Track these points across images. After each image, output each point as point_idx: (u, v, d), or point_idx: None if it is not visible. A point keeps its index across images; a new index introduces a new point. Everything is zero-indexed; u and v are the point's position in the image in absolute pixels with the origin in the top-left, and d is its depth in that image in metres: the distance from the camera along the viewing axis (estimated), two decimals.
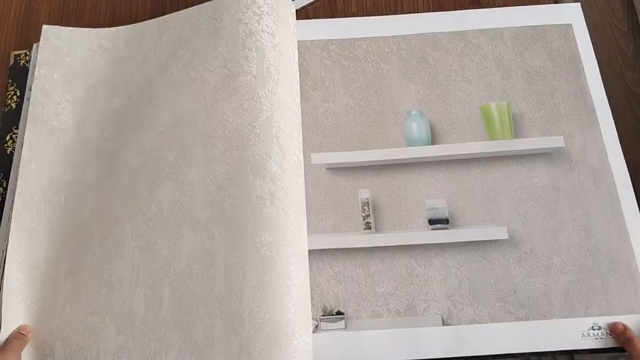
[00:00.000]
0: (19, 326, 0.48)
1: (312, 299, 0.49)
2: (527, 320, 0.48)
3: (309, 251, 0.51)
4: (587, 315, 0.48)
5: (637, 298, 0.49)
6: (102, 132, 0.55)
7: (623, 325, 0.47)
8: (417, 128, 0.55)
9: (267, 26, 0.53)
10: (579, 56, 0.58)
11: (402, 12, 0.64)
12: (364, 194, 0.54)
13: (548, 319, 0.48)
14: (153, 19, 0.60)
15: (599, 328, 0.48)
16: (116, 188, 0.52)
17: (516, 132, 0.55)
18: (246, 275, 0.45)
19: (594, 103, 0.56)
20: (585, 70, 0.57)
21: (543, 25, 0.60)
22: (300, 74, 0.57)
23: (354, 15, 0.63)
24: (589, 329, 0.48)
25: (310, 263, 0.51)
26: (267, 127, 0.50)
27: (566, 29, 0.60)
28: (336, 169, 0.55)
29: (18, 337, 0.47)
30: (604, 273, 0.50)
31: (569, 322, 0.48)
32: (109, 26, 0.61)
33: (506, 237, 0.51)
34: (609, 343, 0.48)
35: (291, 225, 0.47)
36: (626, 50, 0.61)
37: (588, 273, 0.50)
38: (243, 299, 0.45)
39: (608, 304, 0.49)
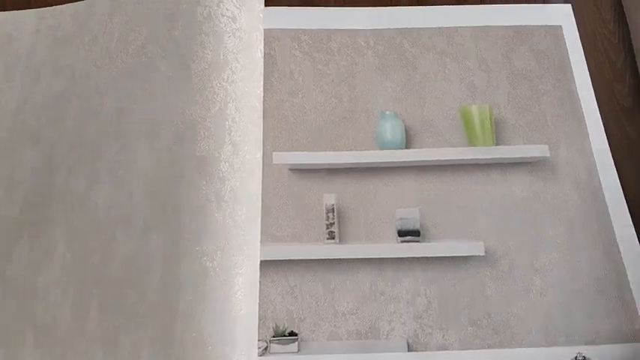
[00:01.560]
0: None
1: (262, 317, 0.43)
2: (501, 348, 0.42)
3: (263, 262, 0.43)
4: (569, 344, 0.43)
5: (629, 324, 0.43)
6: (40, 118, 0.49)
7: None
8: (391, 130, 0.49)
9: (227, 10, 0.47)
10: (568, 59, 0.52)
11: (382, 4, 0.58)
12: (329, 200, 0.48)
13: (525, 347, 0.43)
14: None
15: (584, 359, 0.43)
16: (51, 183, 0.45)
17: (498, 138, 0.49)
18: (182, 288, 0.39)
19: (583, 110, 0.50)
20: (575, 74, 0.51)
21: (531, 26, 0.54)
22: (266, 65, 0.50)
23: (330, 5, 0.57)
24: None
25: (264, 276, 0.44)
26: (219, 120, 0.43)
27: (556, 31, 0.54)
28: (300, 171, 0.49)
29: None
30: (590, 296, 0.44)
31: (549, 352, 0.42)
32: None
33: (483, 253, 0.44)
34: None
35: (238, 232, 0.41)
36: (616, 62, 0.57)
37: (572, 296, 0.44)
38: (177, 316, 0.38)
39: (594, 330, 0.43)
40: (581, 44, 0.53)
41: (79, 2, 0.54)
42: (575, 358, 0.42)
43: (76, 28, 0.51)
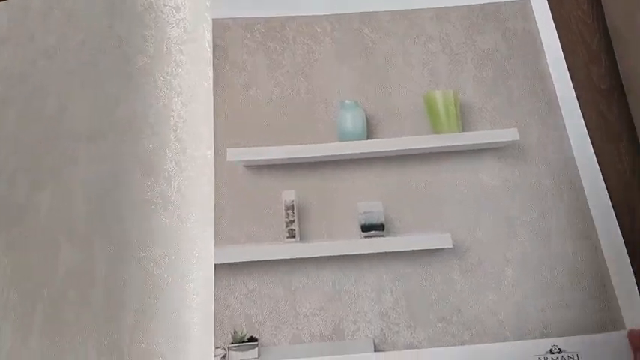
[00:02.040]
0: None
1: (220, 323, 0.40)
2: (473, 344, 0.41)
3: (218, 266, 0.42)
4: (544, 336, 0.41)
5: (607, 311, 0.41)
6: None
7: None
8: (352, 120, 0.47)
9: None
10: (539, 37, 0.50)
11: None
12: (288, 196, 0.46)
13: (498, 341, 0.40)
14: None
15: (559, 351, 0.41)
16: None
17: (464, 124, 0.47)
18: (128, 298, 0.37)
19: (556, 89, 0.48)
20: (546, 51, 0.49)
21: (497, 3, 0.52)
22: (217, 57, 0.48)
23: None
24: (547, 353, 0.40)
25: (219, 280, 0.42)
26: (164, 117, 0.41)
27: (524, 6, 0.52)
28: (256, 168, 0.46)
29: None
30: (565, 286, 0.42)
31: (523, 345, 0.40)
32: None
33: (451, 245, 0.43)
34: None
35: (187, 235, 0.39)
36: (591, 43, 0.55)
37: (546, 287, 0.42)
38: (123, 327, 0.36)
39: (570, 321, 0.41)
40: (551, 19, 0.51)
41: (13, 0, 0.51)
42: (550, 350, 0.41)
43: (12, 27, 0.48)
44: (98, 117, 0.42)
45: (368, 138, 0.47)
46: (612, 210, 0.45)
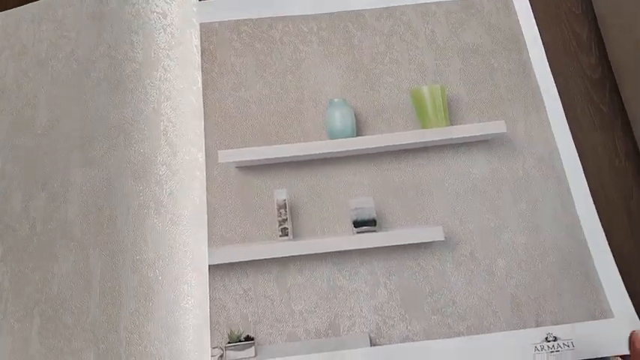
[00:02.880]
0: None
1: (216, 323, 0.42)
2: (468, 335, 0.42)
3: (213, 267, 0.43)
4: (538, 324, 0.42)
5: (595, 301, 0.42)
6: None
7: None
8: (340, 118, 0.48)
9: (156, 6, 0.46)
10: (521, 31, 0.52)
11: None
12: (280, 195, 0.47)
13: (493, 332, 0.42)
14: (32, 3, 0.52)
15: (555, 339, 0.42)
16: None
17: (452, 118, 0.49)
18: (124, 301, 0.38)
19: (539, 82, 0.50)
20: (528, 46, 0.51)
21: None
22: (205, 60, 0.50)
23: None
24: (542, 341, 0.42)
25: (215, 281, 0.43)
26: (154, 121, 0.42)
27: (506, 1, 0.54)
28: (248, 168, 0.48)
29: None
30: (556, 275, 0.43)
31: (519, 334, 0.41)
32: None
33: (443, 238, 0.44)
34: (568, 357, 0.41)
35: (181, 238, 0.40)
36: (581, 34, 0.56)
37: (538, 276, 0.43)
38: (120, 330, 0.37)
39: (562, 310, 0.42)
40: (532, 13, 0.52)
41: (6, 11, 0.52)
42: (546, 338, 0.42)
43: (4, 38, 0.50)
44: (90, 124, 0.43)
45: (357, 135, 0.48)
46: (592, 200, 0.46)
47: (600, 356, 0.42)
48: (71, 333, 0.38)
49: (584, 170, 0.48)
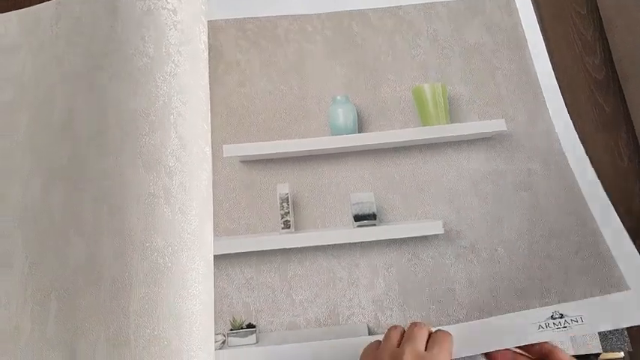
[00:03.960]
0: None
1: (219, 311, 0.45)
2: (469, 321, 0.44)
3: (217, 256, 0.46)
4: (543, 305, 0.43)
5: (608, 277, 0.43)
6: None
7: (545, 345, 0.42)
8: (343, 115, 0.51)
9: (167, 2, 0.49)
10: (523, 31, 0.54)
11: None
12: (283, 189, 0.50)
13: (497, 314, 0.43)
14: (50, 1, 0.56)
15: (561, 316, 0.42)
16: (6, 192, 0.47)
17: (453, 116, 0.52)
18: (133, 286, 0.41)
19: (540, 80, 0.52)
20: (529, 44, 0.54)
21: None
22: (212, 57, 0.53)
23: None
24: (547, 319, 0.42)
25: (219, 270, 0.46)
26: (164, 114, 0.45)
27: (508, 1, 0.56)
28: (252, 162, 0.51)
29: None
30: (563, 258, 0.45)
31: (523, 315, 0.43)
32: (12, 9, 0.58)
33: (442, 232, 0.47)
34: (580, 332, 0.41)
35: (189, 227, 0.43)
36: (586, 34, 0.59)
37: (542, 260, 0.45)
38: (130, 314, 0.40)
39: (571, 290, 0.43)
40: (534, 12, 0.55)
41: (25, 9, 0.55)
42: (552, 316, 0.43)
43: (23, 36, 0.54)
44: (103, 116, 0.46)
45: (359, 132, 0.51)
46: (600, 184, 0.48)
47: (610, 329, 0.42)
48: (84, 316, 0.41)
49: None
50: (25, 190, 0.47)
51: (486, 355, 0.42)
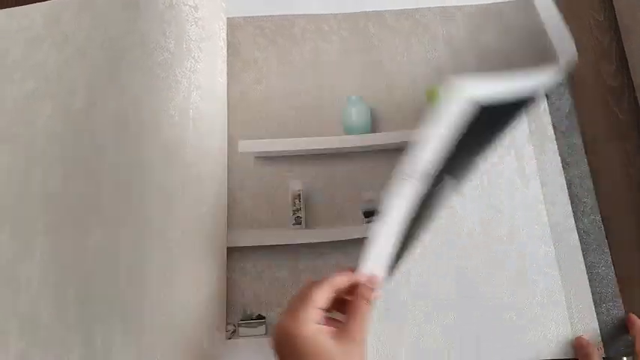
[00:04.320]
0: None
1: (231, 302, 0.47)
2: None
3: (230, 249, 0.48)
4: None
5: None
6: (12, 117, 0.53)
7: (586, 341, 0.45)
8: (356, 114, 0.52)
9: None
10: (542, 34, 0.56)
11: None
12: (295, 186, 0.51)
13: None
14: None
15: None
16: (28, 180, 0.49)
17: None
18: (150, 274, 0.43)
19: None
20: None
21: (500, 3, 0.57)
22: (230, 54, 0.54)
23: None
24: None
25: (232, 262, 0.48)
26: (183, 109, 0.47)
27: (527, 6, 0.57)
28: (266, 159, 0.52)
29: None
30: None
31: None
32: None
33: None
34: None
35: (205, 218, 0.45)
36: (602, 41, 0.59)
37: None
38: (145, 301, 0.42)
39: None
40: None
41: (49, 1, 0.57)
42: None
43: (47, 28, 0.56)
44: (124, 109, 0.48)
45: (372, 132, 0.53)
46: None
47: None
48: (102, 302, 0.43)
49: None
50: (46, 179, 0.49)
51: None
